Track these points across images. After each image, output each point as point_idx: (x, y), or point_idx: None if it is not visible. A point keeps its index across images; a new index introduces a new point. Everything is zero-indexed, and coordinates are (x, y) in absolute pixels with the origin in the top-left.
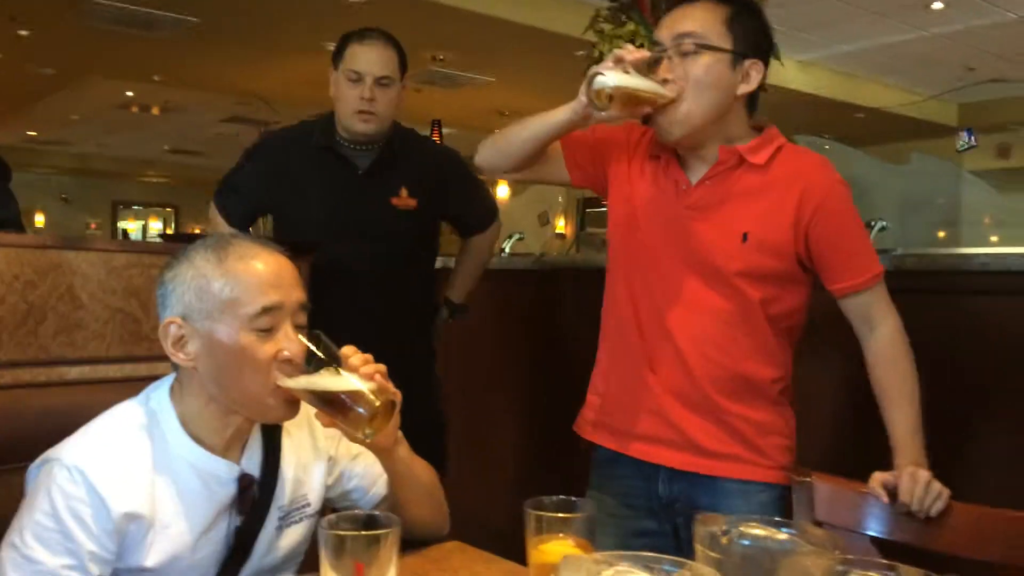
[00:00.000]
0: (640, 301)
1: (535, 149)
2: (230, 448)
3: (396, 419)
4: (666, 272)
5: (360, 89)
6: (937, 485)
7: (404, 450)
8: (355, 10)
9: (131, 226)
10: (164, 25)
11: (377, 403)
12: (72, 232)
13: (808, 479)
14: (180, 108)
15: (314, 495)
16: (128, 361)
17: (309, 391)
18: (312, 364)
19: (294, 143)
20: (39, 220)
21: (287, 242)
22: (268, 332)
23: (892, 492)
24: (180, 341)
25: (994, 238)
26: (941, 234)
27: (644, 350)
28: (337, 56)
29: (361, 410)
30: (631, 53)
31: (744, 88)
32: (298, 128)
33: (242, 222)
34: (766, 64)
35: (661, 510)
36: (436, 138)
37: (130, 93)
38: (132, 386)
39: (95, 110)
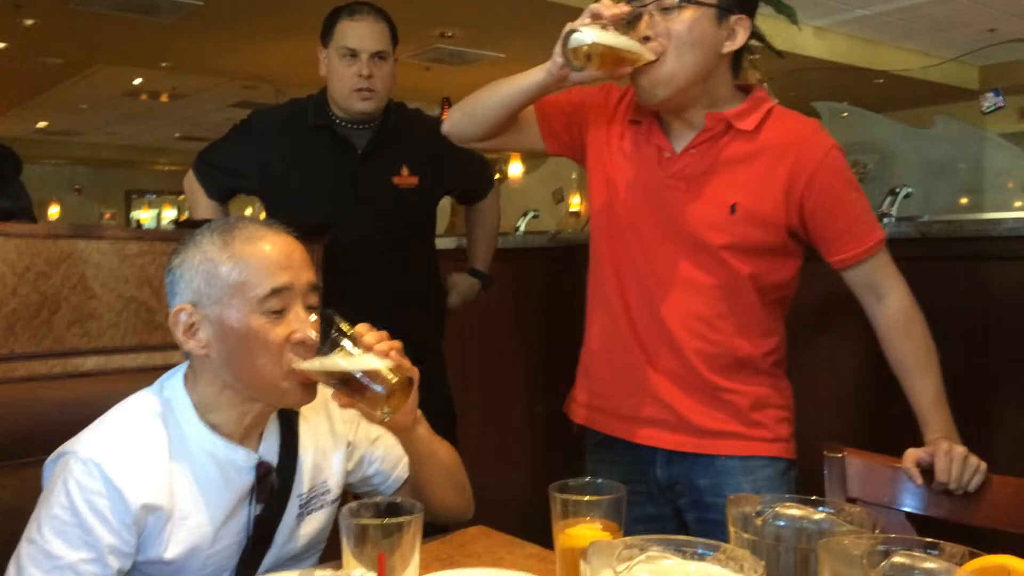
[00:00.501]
0: (625, 277)
1: (507, 114)
2: (248, 436)
3: (415, 397)
4: (650, 246)
5: (356, 66)
6: (974, 459)
7: (424, 429)
8: None
9: (145, 215)
10: (168, 9)
11: (394, 380)
12: (87, 222)
13: (841, 454)
14: (188, 94)
15: (334, 481)
16: (143, 350)
17: (325, 372)
18: (326, 345)
19: (287, 124)
20: (53, 212)
21: (298, 224)
22: (279, 314)
23: (926, 468)
24: (191, 328)
25: (1018, 203)
26: (964, 200)
27: (632, 329)
28: (326, 34)
29: (378, 388)
30: (608, 8)
31: (730, 46)
32: (289, 107)
33: (221, 198)
34: (752, 19)
35: (660, 494)
36: (446, 116)
37: (138, 80)
38: (148, 376)
39: (104, 99)
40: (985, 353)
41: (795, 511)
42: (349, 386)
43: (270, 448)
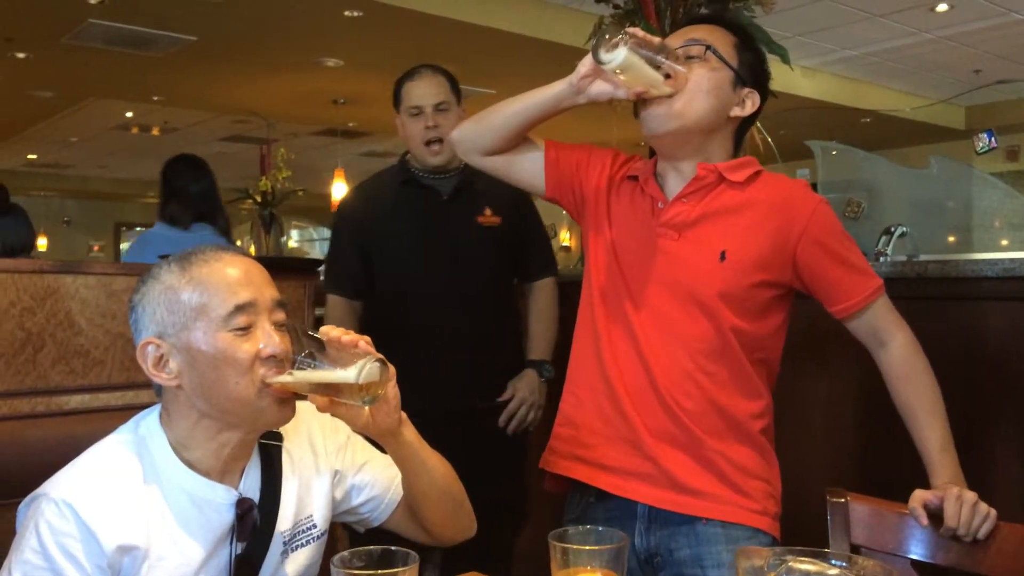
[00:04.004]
0: (615, 329)
1: (519, 126)
2: (227, 472)
3: (394, 391)
4: (640, 296)
5: (422, 120)
6: (984, 506)
7: (410, 432)
8: (352, 24)
9: None
10: (161, 44)
11: (366, 365)
12: (75, 255)
13: (844, 499)
14: (180, 128)
15: (320, 515)
16: (130, 388)
17: (300, 382)
18: (296, 355)
19: (373, 190)
20: (42, 244)
21: (288, 260)
22: (246, 331)
23: (934, 512)
24: (160, 361)
25: (1005, 242)
26: (952, 238)
27: (622, 382)
28: (396, 101)
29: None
30: (643, 34)
31: (738, 111)
32: (374, 177)
33: (356, 289)
34: (763, 99)
35: (640, 567)
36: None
37: (129, 114)
38: (134, 414)
39: (95, 132)
40: (983, 394)
41: (808, 566)
42: (325, 386)
43: (251, 484)
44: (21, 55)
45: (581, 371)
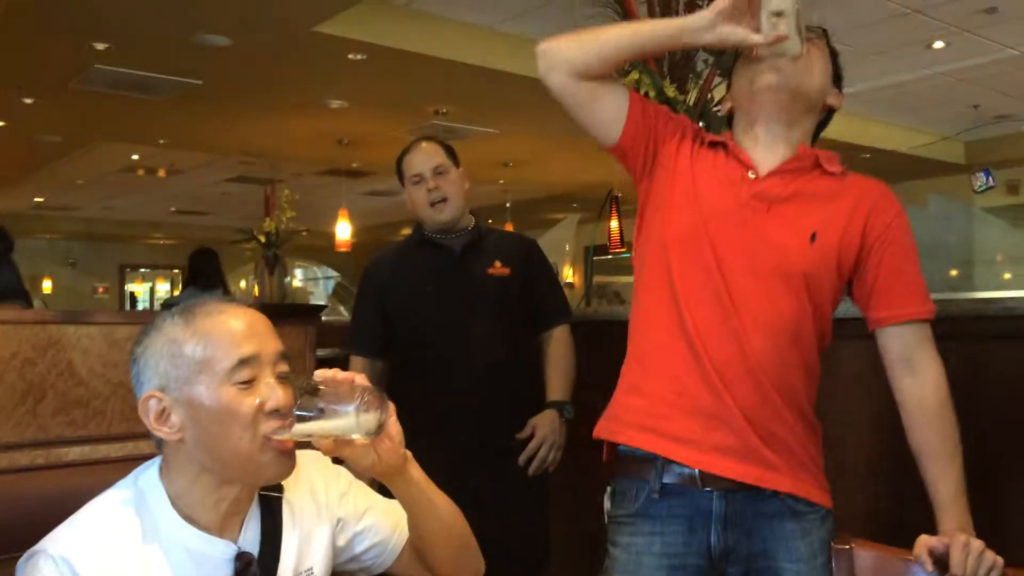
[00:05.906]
0: (696, 296)
1: (630, 54)
2: (227, 526)
3: (396, 427)
4: (725, 265)
5: (424, 185)
6: (990, 554)
7: (417, 471)
8: (355, 66)
9: (139, 288)
10: (167, 88)
11: (363, 397)
12: (80, 296)
13: (849, 546)
14: (185, 170)
15: (320, 567)
16: (129, 439)
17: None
18: (297, 407)
19: (396, 255)
20: (47, 286)
21: (291, 306)
22: (249, 384)
23: (939, 559)
24: (163, 415)
25: (1007, 275)
26: (954, 272)
27: (706, 351)
28: (400, 177)
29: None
30: None
31: (830, 100)
32: (392, 245)
33: (377, 349)
34: (839, 101)
35: (712, 566)
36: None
37: (135, 156)
38: (135, 465)
39: (101, 174)
40: (987, 437)
41: None
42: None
43: (251, 537)
44: (29, 101)
45: (653, 339)
